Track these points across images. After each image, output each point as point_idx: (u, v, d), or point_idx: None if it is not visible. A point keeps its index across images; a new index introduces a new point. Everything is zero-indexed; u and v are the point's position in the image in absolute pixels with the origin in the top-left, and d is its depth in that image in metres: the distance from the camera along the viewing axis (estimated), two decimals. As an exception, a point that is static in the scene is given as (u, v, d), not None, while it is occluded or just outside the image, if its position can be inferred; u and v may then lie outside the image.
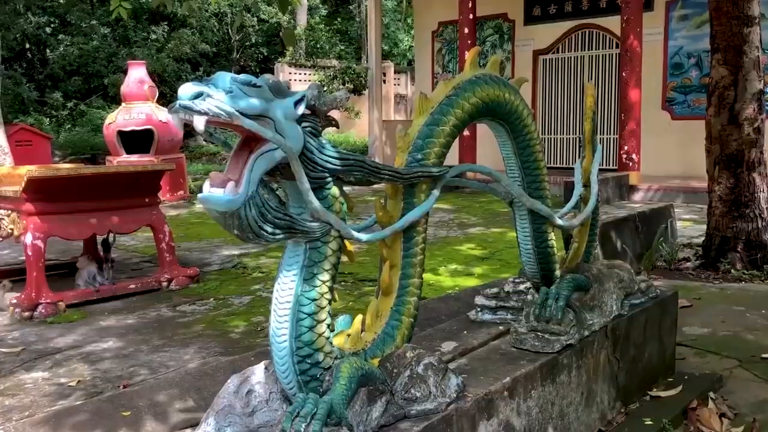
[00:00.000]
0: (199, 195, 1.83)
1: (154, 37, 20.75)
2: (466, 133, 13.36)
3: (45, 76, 22.22)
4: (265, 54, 24.34)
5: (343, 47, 20.82)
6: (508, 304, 3.14)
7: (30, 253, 5.07)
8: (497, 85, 2.63)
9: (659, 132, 12.14)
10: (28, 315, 4.96)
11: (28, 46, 22.62)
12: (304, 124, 2.03)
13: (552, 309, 2.75)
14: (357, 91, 17.22)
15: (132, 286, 5.69)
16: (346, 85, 16.91)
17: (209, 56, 22.05)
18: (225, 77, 1.84)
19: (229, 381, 2.21)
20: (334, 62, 19.06)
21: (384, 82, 19.85)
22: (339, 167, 2.09)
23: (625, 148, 11.00)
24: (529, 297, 3.09)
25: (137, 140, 10.96)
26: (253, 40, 23.95)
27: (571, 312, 2.81)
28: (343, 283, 5.69)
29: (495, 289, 3.20)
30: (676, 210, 7.39)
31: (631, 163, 10.97)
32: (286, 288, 2.09)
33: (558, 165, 14.01)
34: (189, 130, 21.63)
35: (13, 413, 3.27)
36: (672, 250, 6.09)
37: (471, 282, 5.62)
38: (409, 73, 22.91)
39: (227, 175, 1.88)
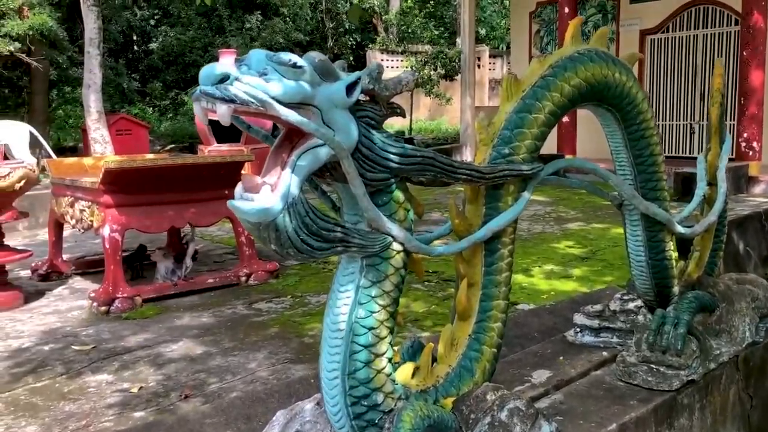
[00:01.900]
0: (229, 202, 1.49)
1: (248, 26, 20.95)
2: (564, 119, 12.62)
3: (146, 67, 22.98)
4: (359, 40, 24.15)
5: (436, 33, 20.24)
6: (614, 326, 2.64)
7: (107, 246, 4.96)
8: (605, 63, 2.15)
9: (784, 117, 10.94)
10: (104, 309, 4.86)
11: (135, 38, 23.47)
12: (360, 113, 1.65)
13: (670, 337, 2.26)
14: (449, 76, 16.64)
15: (210, 280, 5.51)
16: (438, 70, 16.34)
17: (303, 45, 22.05)
18: (260, 56, 1.48)
19: (274, 418, 1.88)
20: (427, 47, 18.54)
21: (478, 66, 19.19)
22: (404, 166, 1.70)
23: (745, 135, 9.98)
24: (641, 318, 2.58)
25: (228, 129, 10.93)
26: (347, 27, 23.79)
27: (693, 341, 2.30)
28: (426, 283, 5.29)
29: (598, 307, 2.71)
30: (807, 206, 6.52)
31: (751, 152, 9.94)
32: (338, 313, 1.72)
33: (666, 154, 12.98)
34: (283, 119, 21.82)
35: (70, 421, 3.09)
36: (805, 254, 5.31)
37: (568, 286, 5.09)
38: (505, 57, 22.11)
39: (263, 178, 1.53)
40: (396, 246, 1.73)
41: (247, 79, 1.42)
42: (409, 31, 19.39)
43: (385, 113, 1.71)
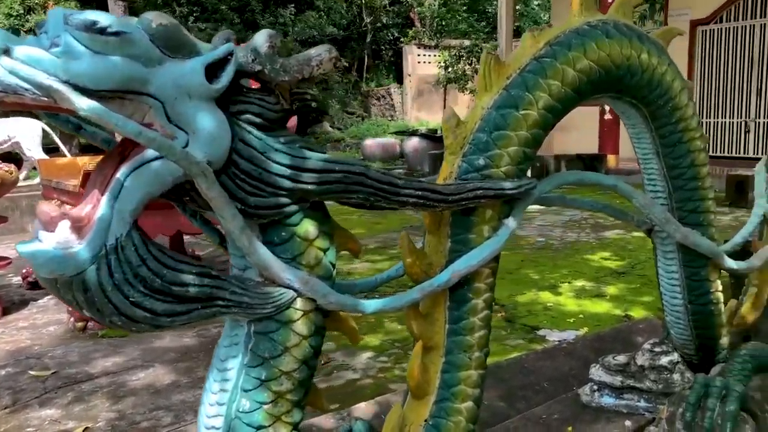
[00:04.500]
0: (17, 246, 0.97)
1: (281, 20, 20.56)
2: (607, 114, 11.83)
3: (179, 65, 22.78)
4: (396, 35, 23.54)
5: (473, 27, 19.47)
6: (642, 385, 2.03)
7: (86, 256, 4.52)
8: (627, 40, 1.56)
9: None
10: (81, 326, 4.43)
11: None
12: (238, 107, 1.09)
13: (716, 416, 1.65)
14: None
15: (203, 293, 5.03)
16: (473, 65, 15.64)
17: (338, 39, 21.57)
18: (56, 17, 0.94)
19: None
20: (465, 42, 17.86)
21: (518, 61, 18.40)
22: (312, 186, 1.14)
23: (806, 134, 9.09)
24: (677, 378, 1.97)
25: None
26: (384, 21, 23.22)
27: (749, 421, 1.68)
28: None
29: (622, 358, 2.11)
30: None
31: (813, 153, 9.06)
32: (213, 403, 1.17)
33: (718, 154, 12.09)
34: (316, 116, 21.41)
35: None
36: None
37: (600, 307, 4.44)
38: (547, 52, 21.23)
39: (71, 209, 1.00)
40: (302, 304, 1.18)
41: (23, 51, 0.89)
42: (443, 23, 18.68)
43: (283, 107, 1.16)
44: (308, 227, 1.18)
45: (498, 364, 2.74)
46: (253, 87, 1.14)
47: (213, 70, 1.05)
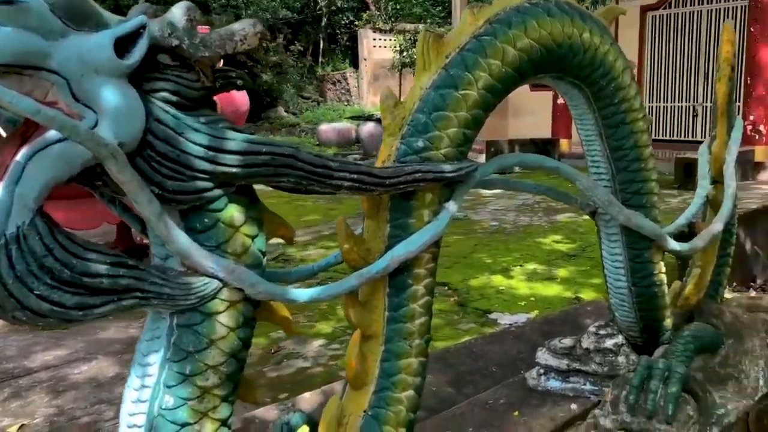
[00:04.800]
0: None
1: (233, 3, 20.11)
2: (560, 100, 11.93)
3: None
4: (351, 18, 23.29)
5: (428, 11, 19.36)
6: (588, 368, 2.03)
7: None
8: (569, 18, 1.52)
9: (793, 98, 10.25)
10: (22, 317, 4.26)
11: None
12: (153, 85, 1.02)
13: (658, 397, 1.65)
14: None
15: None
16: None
17: (292, 23, 21.24)
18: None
19: None
20: (420, 26, 17.79)
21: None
22: (237, 169, 1.07)
23: (751, 117, 9.35)
24: (622, 360, 1.97)
25: (199, 111, 10.28)
26: (339, 5, 22.94)
27: (690, 401, 1.69)
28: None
29: (568, 341, 2.10)
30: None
31: (757, 136, 9.32)
32: (135, 400, 1.10)
33: (666, 137, 12.33)
34: (270, 101, 21.07)
35: None
36: (822, 254, 4.68)
37: (552, 290, 4.47)
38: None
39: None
40: (228, 294, 1.12)
41: None
42: (398, 7, 18.56)
43: (204, 85, 1.09)
44: (234, 213, 1.12)
45: (447, 349, 2.72)
46: (172, 64, 1.07)
47: (124, 45, 0.97)
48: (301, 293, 1.23)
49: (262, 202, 1.21)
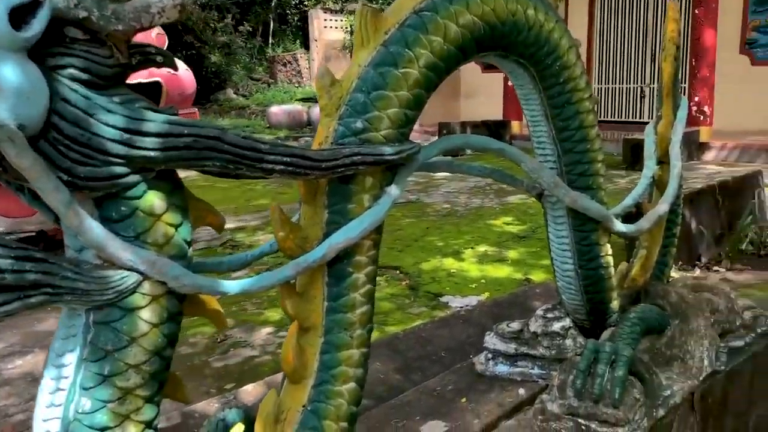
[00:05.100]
0: None
1: (181, -18, 19.57)
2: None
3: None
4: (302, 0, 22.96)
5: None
6: (535, 352, 2.01)
7: (-44, 235, 4.14)
8: (513, -6, 1.47)
9: (737, 80, 10.46)
10: (-48, 311, 4.06)
11: None
12: (59, 60, 0.92)
13: (605, 381, 1.63)
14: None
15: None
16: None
17: (241, 3, 20.80)
18: None
19: None
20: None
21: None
22: (156, 153, 0.98)
23: (696, 98, 9.53)
24: (569, 343, 1.96)
25: (144, 93, 9.95)
26: (290, -17, 22.59)
27: (636, 384, 1.68)
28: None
29: (515, 325, 2.07)
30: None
31: (702, 117, 9.52)
32: (50, 404, 1.02)
33: (616, 118, 12.52)
34: (219, 82, 20.61)
35: None
36: (763, 232, 4.80)
37: (502, 272, 4.48)
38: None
39: None
40: (150, 288, 1.04)
41: None
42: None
43: (119, 62, 1.00)
44: (153, 200, 1.04)
45: (396, 335, 2.68)
46: (81, 38, 0.97)
47: (22, 16, 0.88)
48: (232, 285, 1.16)
49: (187, 188, 1.12)
